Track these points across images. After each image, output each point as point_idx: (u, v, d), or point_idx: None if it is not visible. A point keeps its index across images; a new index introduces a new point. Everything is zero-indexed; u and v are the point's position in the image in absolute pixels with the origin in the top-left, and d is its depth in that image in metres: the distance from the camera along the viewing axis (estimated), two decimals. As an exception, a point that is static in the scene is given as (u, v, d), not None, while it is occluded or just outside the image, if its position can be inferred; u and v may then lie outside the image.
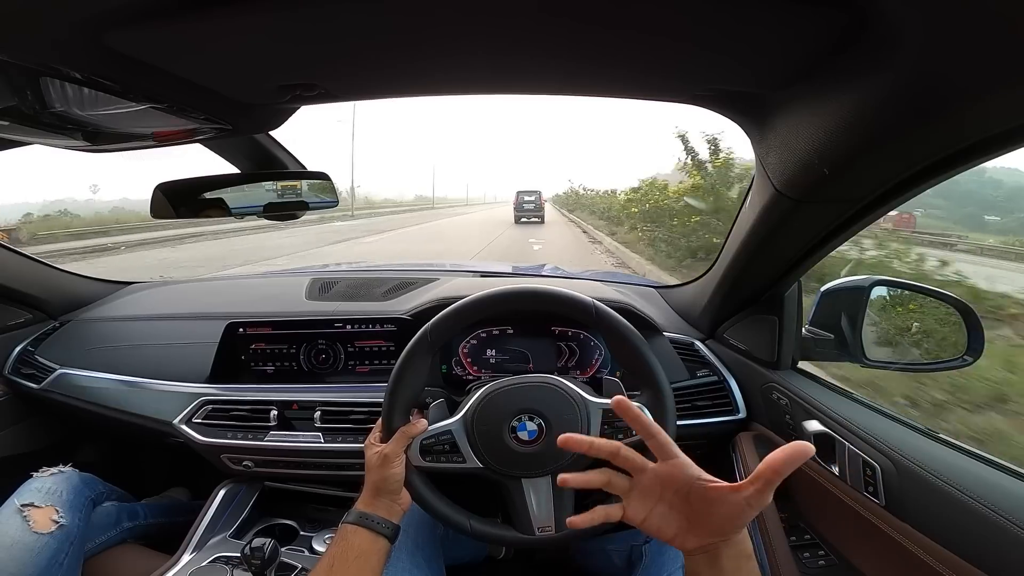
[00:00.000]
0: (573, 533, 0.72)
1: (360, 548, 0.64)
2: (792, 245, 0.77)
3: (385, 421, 0.73)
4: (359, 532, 0.66)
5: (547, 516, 0.72)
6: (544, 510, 0.72)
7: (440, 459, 0.74)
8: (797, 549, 0.79)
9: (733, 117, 0.66)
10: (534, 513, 0.72)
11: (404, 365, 0.75)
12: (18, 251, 1.17)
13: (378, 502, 0.69)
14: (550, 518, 0.72)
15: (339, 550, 0.64)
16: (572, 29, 0.46)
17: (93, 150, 0.71)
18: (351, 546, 0.64)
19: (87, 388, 1.07)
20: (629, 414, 0.52)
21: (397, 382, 0.74)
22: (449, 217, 27.82)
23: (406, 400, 0.74)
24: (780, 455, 0.44)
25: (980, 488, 0.56)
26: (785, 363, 0.91)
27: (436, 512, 0.74)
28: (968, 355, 0.80)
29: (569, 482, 0.52)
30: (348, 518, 0.67)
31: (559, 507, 0.73)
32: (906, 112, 0.45)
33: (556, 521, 0.72)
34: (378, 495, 0.69)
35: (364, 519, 0.67)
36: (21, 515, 0.79)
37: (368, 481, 0.71)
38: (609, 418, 0.73)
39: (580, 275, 1.50)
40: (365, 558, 0.64)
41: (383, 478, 0.69)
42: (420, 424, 0.73)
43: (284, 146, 0.92)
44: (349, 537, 0.65)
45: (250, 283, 1.51)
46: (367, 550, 0.65)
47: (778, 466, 0.44)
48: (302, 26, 0.45)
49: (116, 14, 0.41)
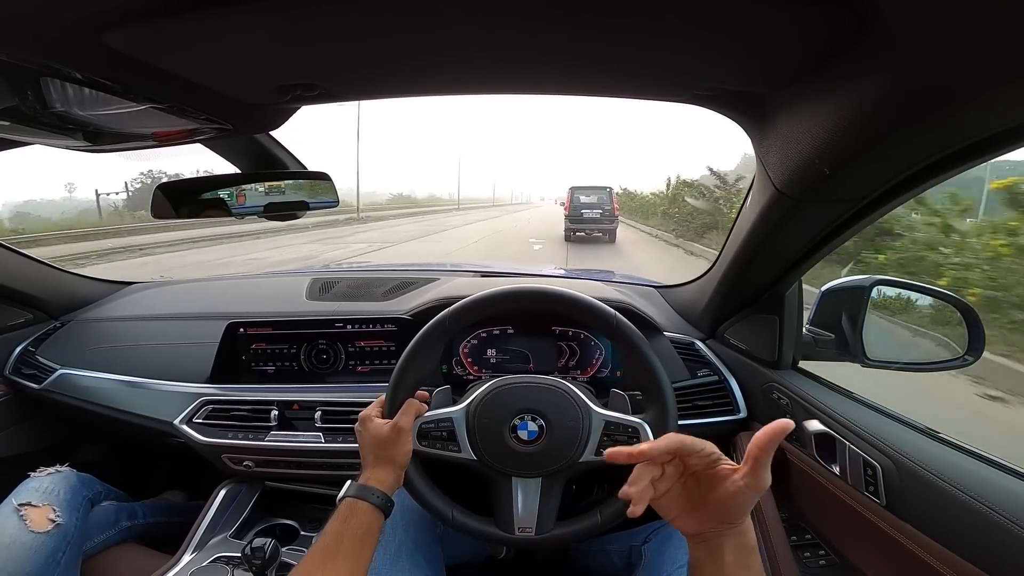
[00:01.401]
0: (552, 537, 0.73)
1: (367, 524, 0.62)
2: (792, 245, 0.77)
3: (390, 398, 0.74)
4: (363, 507, 0.63)
5: (529, 517, 0.73)
6: (528, 511, 0.73)
7: (436, 445, 0.75)
8: (798, 549, 0.79)
9: (734, 116, 0.66)
10: (518, 513, 0.73)
11: (417, 347, 0.76)
12: (18, 251, 1.17)
13: (378, 475, 0.67)
14: (532, 520, 0.73)
15: (347, 527, 0.61)
16: (572, 29, 0.46)
17: (93, 150, 0.71)
18: (360, 523, 0.62)
19: (88, 388, 1.07)
20: (631, 458, 0.49)
21: (408, 362, 0.75)
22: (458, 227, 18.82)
23: (414, 381, 0.76)
24: (763, 434, 0.45)
25: (981, 488, 0.56)
26: (786, 363, 0.91)
27: (421, 497, 0.75)
28: (968, 354, 0.80)
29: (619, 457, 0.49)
30: (350, 492, 0.64)
31: (544, 510, 0.73)
32: (906, 111, 0.45)
33: (537, 523, 0.73)
34: (381, 468, 0.68)
35: (366, 492, 0.64)
36: (18, 514, 0.79)
37: (373, 456, 0.69)
38: (610, 430, 0.74)
39: (581, 275, 1.50)
40: (372, 534, 0.62)
41: (396, 451, 0.69)
42: (423, 402, 0.74)
43: (284, 146, 0.92)
44: (359, 514, 0.62)
45: (251, 283, 1.51)
46: (372, 526, 0.63)
47: (762, 443, 0.45)
48: (302, 26, 0.45)
49: (116, 14, 0.41)
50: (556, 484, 0.74)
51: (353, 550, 0.59)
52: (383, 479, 0.67)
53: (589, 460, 0.73)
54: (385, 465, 0.68)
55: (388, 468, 0.68)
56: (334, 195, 0.99)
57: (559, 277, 1.46)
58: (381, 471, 0.68)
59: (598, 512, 0.74)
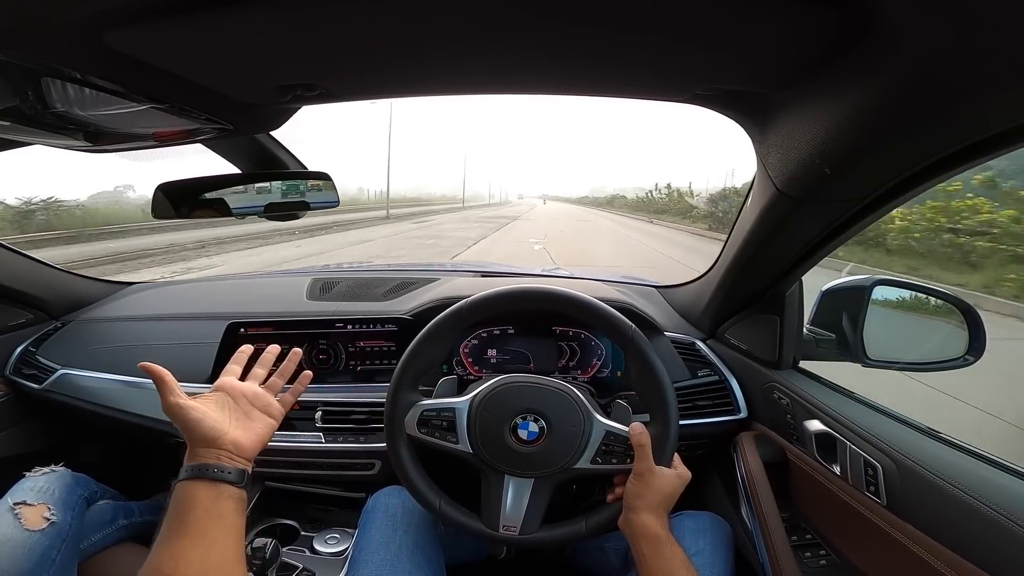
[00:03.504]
0: (534, 539, 0.74)
1: (230, 515, 0.53)
2: (793, 245, 0.77)
3: (393, 386, 0.76)
4: (220, 492, 0.53)
5: (516, 517, 0.73)
6: (515, 510, 0.73)
7: (434, 434, 0.75)
8: (798, 549, 0.79)
9: (734, 116, 0.66)
10: (505, 510, 0.73)
11: (430, 334, 0.78)
12: (19, 251, 1.17)
13: (239, 443, 0.58)
14: (518, 519, 0.73)
15: (211, 525, 0.51)
16: (573, 30, 0.46)
17: (94, 150, 0.71)
18: (224, 511, 0.53)
19: (88, 388, 1.07)
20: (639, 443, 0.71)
21: (420, 346, 0.77)
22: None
23: (420, 370, 0.77)
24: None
25: (982, 488, 0.56)
26: (786, 363, 0.91)
27: (410, 484, 0.76)
28: (969, 355, 0.80)
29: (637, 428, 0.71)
30: (200, 474, 0.54)
31: (530, 512, 0.74)
32: (907, 112, 0.45)
33: (522, 524, 0.73)
34: (245, 437, 0.59)
35: (223, 474, 0.54)
36: (13, 513, 0.79)
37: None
38: (609, 441, 0.74)
39: (581, 275, 1.50)
40: (220, 515, 0.52)
41: (263, 426, 0.61)
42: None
43: (284, 146, 0.92)
44: (223, 504, 0.53)
45: (251, 283, 1.51)
46: (236, 519, 0.54)
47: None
48: (303, 27, 0.45)
49: (117, 14, 0.41)
50: (547, 487, 0.75)
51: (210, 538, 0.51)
52: (210, 454, 0.57)
53: (584, 467, 0.74)
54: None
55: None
56: (335, 195, 0.99)
57: (560, 277, 1.46)
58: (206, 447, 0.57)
59: (584, 520, 0.75)
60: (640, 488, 0.70)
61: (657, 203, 26.10)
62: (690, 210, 20.43)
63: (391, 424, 0.77)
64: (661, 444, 0.72)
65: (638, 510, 0.69)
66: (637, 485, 0.70)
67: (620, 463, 0.73)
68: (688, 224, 19.47)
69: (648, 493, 0.69)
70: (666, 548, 0.66)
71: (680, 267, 8.43)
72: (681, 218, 21.51)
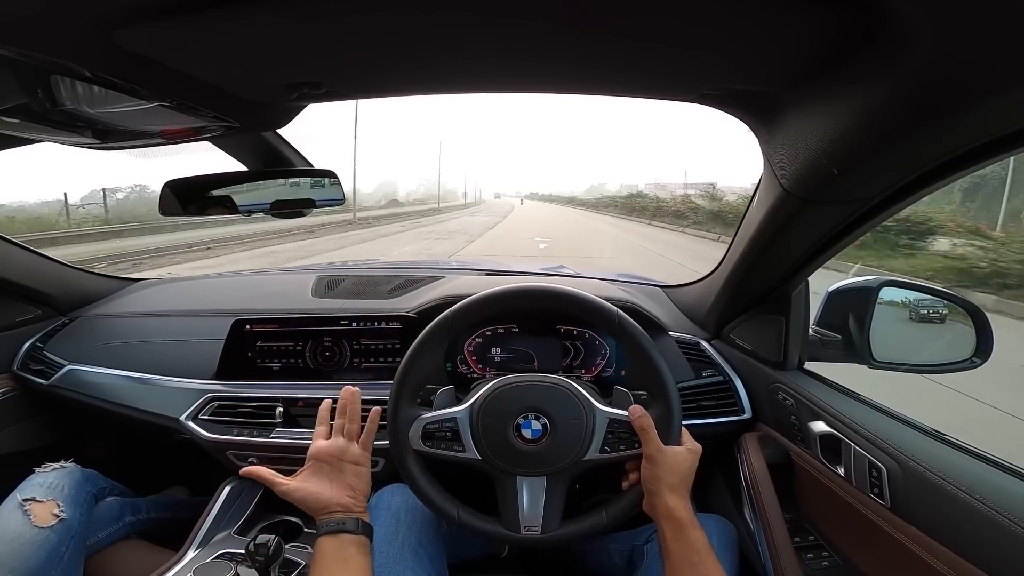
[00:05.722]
0: (558, 536, 0.74)
1: (354, 558, 0.65)
2: (799, 245, 0.77)
3: (393, 398, 0.75)
4: (342, 540, 0.66)
5: (535, 516, 0.73)
6: (533, 510, 0.73)
7: (440, 445, 0.75)
8: (801, 550, 0.79)
9: (741, 116, 0.66)
10: (523, 511, 0.73)
11: (420, 346, 0.77)
12: (27, 247, 1.18)
13: (344, 503, 0.69)
14: (537, 518, 0.73)
15: (338, 568, 0.64)
16: (584, 29, 0.46)
17: (102, 147, 0.72)
18: (348, 556, 0.65)
19: (95, 384, 1.08)
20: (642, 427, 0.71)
21: (412, 361, 0.76)
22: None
23: (417, 383, 0.76)
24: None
25: (987, 491, 0.56)
26: (792, 363, 0.91)
27: (426, 498, 0.75)
28: (977, 356, 0.79)
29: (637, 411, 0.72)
30: (324, 529, 0.67)
31: (549, 509, 0.73)
32: (916, 113, 0.45)
33: (543, 522, 0.73)
34: (346, 495, 0.70)
35: (342, 526, 0.67)
36: (22, 510, 0.80)
37: (344, 483, 0.71)
38: (615, 428, 0.74)
39: (586, 274, 1.49)
40: (344, 559, 0.65)
41: (356, 476, 0.72)
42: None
43: (291, 144, 0.92)
44: (346, 550, 0.65)
45: (257, 280, 1.52)
46: (361, 559, 0.65)
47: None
48: (310, 25, 0.45)
49: (126, 12, 0.41)
50: (561, 483, 0.74)
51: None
52: (343, 508, 0.69)
53: (594, 458, 0.73)
54: (349, 491, 0.71)
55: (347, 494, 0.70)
56: (340, 193, 0.99)
57: (566, 276, 1.46)
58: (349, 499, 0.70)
59: (604, 511, 0.74)
60: (654, 471, 0.69)
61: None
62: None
63: (396, 441, 0.77)
64: (666, 424, 0.72)
65: (659, 493, 0.68)
66: (650, 468, 0.70)
67: (629, 448, 0.73)
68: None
69: (664, 474, 0.69)
70: (688, 532, 0.65)
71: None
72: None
